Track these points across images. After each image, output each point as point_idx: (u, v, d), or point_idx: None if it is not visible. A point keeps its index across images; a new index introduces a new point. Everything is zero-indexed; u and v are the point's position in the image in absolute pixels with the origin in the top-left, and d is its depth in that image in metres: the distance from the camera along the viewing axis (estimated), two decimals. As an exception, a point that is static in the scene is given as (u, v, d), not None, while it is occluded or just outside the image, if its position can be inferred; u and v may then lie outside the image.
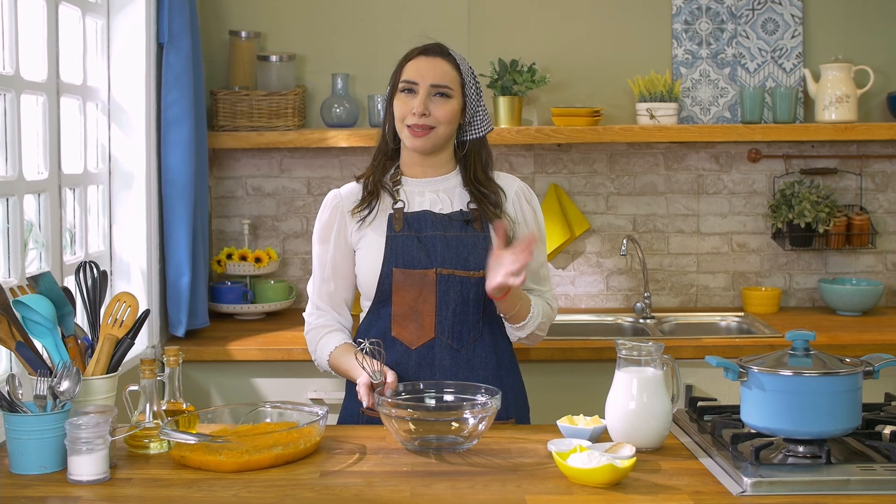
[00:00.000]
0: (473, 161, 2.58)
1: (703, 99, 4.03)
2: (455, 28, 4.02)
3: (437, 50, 2.52)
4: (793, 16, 4.02)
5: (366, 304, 2.57)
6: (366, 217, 2.53)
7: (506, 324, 2.54)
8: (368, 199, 2.55)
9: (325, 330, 2.57)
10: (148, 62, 3.37)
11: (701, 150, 4.09)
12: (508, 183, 2.62)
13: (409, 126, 2.49)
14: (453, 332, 2.48)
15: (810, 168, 4.08)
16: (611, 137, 3.81)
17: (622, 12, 4.05)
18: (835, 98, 3.86)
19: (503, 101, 3.84)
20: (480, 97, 2.57)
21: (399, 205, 2.54)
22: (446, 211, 2.54)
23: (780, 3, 4.02)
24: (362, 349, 2.32)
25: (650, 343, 2.20)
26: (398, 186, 2.57)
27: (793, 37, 4.03)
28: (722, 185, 4.10)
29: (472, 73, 2.56)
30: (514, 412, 2.57)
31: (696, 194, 4.10)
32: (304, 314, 2.66)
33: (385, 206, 2.55)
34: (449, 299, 2.47)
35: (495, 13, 4.03)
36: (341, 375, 2.54)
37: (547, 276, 2.64)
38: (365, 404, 2.31)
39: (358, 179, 2.61)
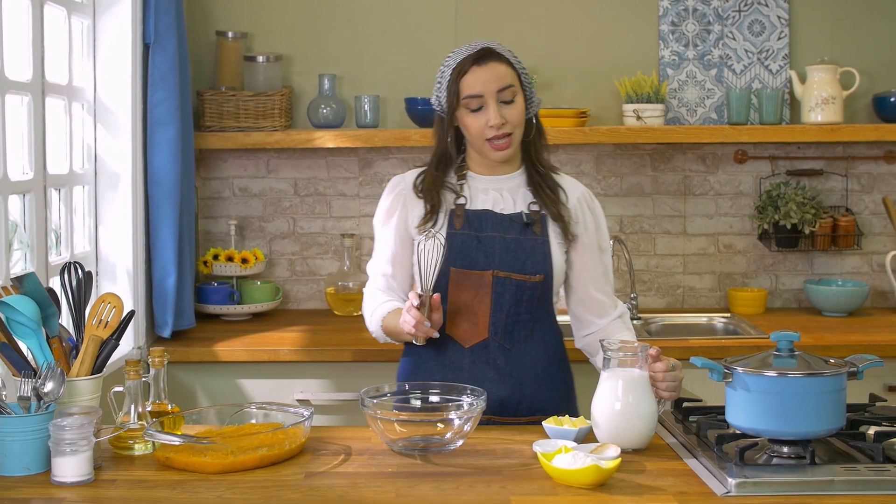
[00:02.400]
0: (535, 142, 2.58)
1: (690, 100, 4.04)
2: (442, 29, 4.02)
3: (488, 55, 2.49)
4: (779, 17, 4.03)
5: None
6: (430, 228, 2.53)
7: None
8: (432, 214, 2.53)
9: (384, 298, 2.59)
10: (134, 62, 3.36)
11: (687, 151, 4.10)
12: (572, 186, 2.62)
13: (489, 140, 2.48)
14: (505, 333, 2.50)
15: (796, 169, 4.09)
16: (597, 138, 3.81)
17: (609, 13, 4.05)
18: (821, 100, 3.88)
19: (490, 102, 3.83)
20: (528, 76, 2.56)
21: (461, 201, 2.54)
22: (507, 211, 2.54)
23: (767, 5, 4.03)
24: (427, 246, 2.41)
25: (636, 343, 2.20)
26: (462, 181, 2.57)
27: (779, 38, 4.04)
28: (708, 186, 4.11)
29: (517, 59, 2.54)
30: (565, 408, 2.56)
31: (682, 195, 4.11)
32: (363, 289, 2.67)
33: (447, 201, 2.55)
34: (504, 301, 2.49)
35: (482, 14, 4.04)
36: (392, 337, 2.55)
37: (610, 288, 2.64)
38: (412, 321, 2.34)
39: (418, 193, 2.57)
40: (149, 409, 2.20)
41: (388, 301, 2.57)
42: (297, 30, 4.03)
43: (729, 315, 3.94)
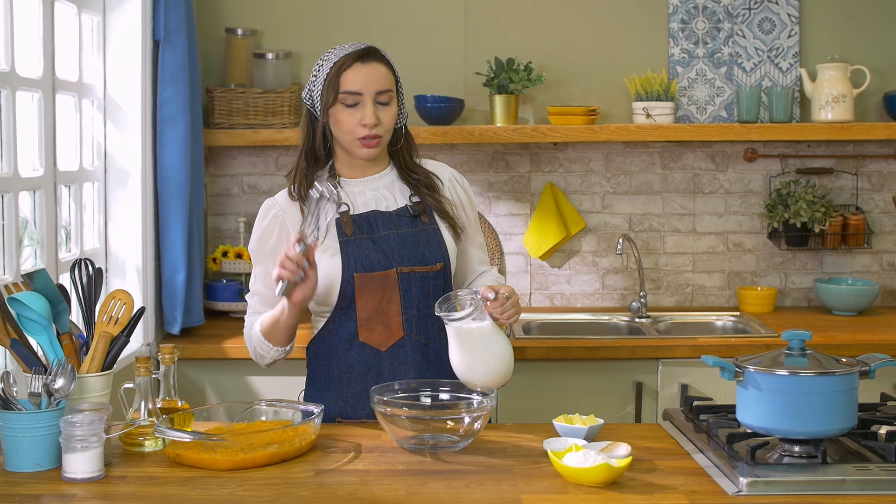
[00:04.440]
0: (403, 149, 2.56)
1: (700, 98, 4.03)
2: (451, 27, 4.02)
3: (373, 54, 2.45)
4: (789, 15, 4.02)
5: (319, 310, 2.50)
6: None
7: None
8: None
9: (261, 310, 2.51)
10: (144, 59, 3.36)
11: (697, 149, 4.09)
12: (440, 169, 2.61)
13: (360, 138, 2.44)
14: (420, 328, 2.46)
15: (806, 168, 4.08)
16: (607, 136, 3.81)
17: (619, 11, 4.05)
18: (831, 98, 3.87)
19: (499, 100, 3.84)
20: (402, 87, 2.54)
21: (344, 208, 2.47)
22: (392, 208, 2.51)
23: (777, 3, 4.02)
24: (316, 195, 2.25)
25: (466, 293, 2.29)
26: (338, 189, 2.49)
27: (789, 36, 4.03)
28: (718, 184, 4.10)
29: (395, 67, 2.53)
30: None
31: (692, 193, 4.10)
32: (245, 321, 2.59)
33: None
34: (412, 296, 2.45)
35: (492, 11, 4.03)
36: (272, 333, 2.45)
37: (486, 256, 2.66)
38: (289, 258, 2.23)
39: (294, 199, 2.51)
40: (159, 405, 2.20)
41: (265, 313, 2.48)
42: (307, 27, 4.03)
43: (738, 314, 3.93)
